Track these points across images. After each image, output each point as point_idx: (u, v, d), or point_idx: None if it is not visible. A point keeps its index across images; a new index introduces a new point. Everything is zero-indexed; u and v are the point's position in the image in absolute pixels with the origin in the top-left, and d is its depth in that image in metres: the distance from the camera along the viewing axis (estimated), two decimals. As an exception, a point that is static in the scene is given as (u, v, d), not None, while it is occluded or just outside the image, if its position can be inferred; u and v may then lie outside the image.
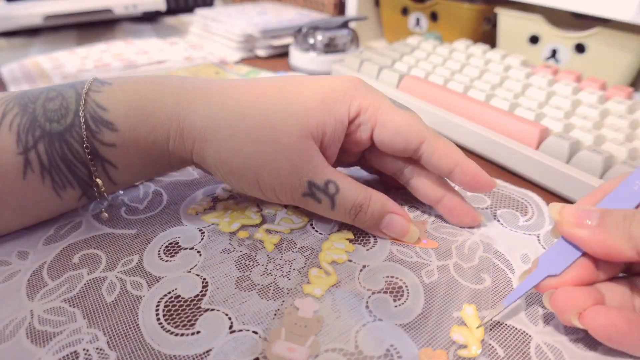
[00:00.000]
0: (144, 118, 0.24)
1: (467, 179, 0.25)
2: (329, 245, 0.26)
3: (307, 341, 0.20)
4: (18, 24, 0.66)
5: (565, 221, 0.20)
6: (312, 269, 0.24)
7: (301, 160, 0.24)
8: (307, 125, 0.24)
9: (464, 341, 0.20)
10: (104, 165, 0.24)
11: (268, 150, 0.24)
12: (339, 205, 0.25)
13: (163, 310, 0.22)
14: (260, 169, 0.24)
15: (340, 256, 0.25)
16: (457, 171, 0.25)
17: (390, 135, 0.25)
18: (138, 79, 0.26)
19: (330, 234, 0.27)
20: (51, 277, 0.23)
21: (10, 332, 0.20)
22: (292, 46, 0.56)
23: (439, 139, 0.25)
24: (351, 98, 0.25)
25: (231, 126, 0.24)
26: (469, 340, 0.20)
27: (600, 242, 0.19)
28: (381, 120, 0.25)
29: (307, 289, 0.23)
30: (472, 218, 0.27)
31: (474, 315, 0.21)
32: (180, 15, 0.88)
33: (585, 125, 0.33)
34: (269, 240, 0.26)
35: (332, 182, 0.25)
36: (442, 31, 0.57)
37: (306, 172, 0.24)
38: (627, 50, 0.42)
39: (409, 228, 0.26)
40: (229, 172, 0.25)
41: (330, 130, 0.25)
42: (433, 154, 0.25)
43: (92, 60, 0.54)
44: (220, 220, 0.28)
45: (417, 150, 0.25)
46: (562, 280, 0.20)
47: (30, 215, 0.26)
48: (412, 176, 0.27)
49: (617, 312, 0.19)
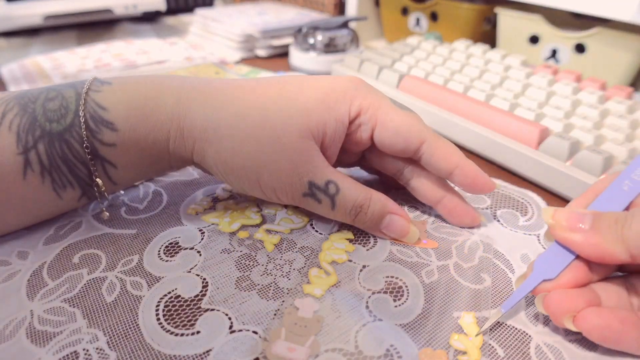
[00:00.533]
0: (144, 118, 0.24)
1: (467, 181, 0.25)
2: (329, 245, 0.26)
3: (307, 341, 0.20)
4: (18, 24, 0.66)
5: (559, 225, 0.20)
6: (312, 269, 0.24)
7: (302, 160, 0.24)
8: (307, 125, 0.24)
9: (463, 348, 0.20)
10: (104, 165, 0.24)
11: (268, 150, 0.24)
12: (339, 206, 0.25)
13: (163, 310, 0.22)
14: (261, 169, 0.24)
15: (340, 256, 0.25)
16: (457, 173, 0.25)
17: (391, 135, 0.25)
18: (138, 78, 0.26)
19: (330, 234, 0.27)
20: (51, 277, 0.23)
21: (10, 332, 0.20)
22: (292, 46, 0.56)
23: (439, 140, 0.25)
24: (352, 98, 0.25)
25: (231, 126, 0.24)
26: (468, 348, 0.20)
27: (593, 245, 0.19)
28: (381, 121, 0.25)
29: (307, 289, 0.23)
30: (472, 218, 0.27)
31: (473, 323, 0.21)
32: (180, 15, 0.88)
33: (585, 125, 0.33)
34: (269, 240, 0.26)
35: (333, 183, 0.25)
36: (442, 31, 0.57)
37: (307, 172, 0.24)
38: (627, 50, 0.42)
39: (409, 228, 0.26)
40: (230, 172, 0.25)
41: (331, 130, 0.25)
42: (433, 155, 0.25)
43: (92, 60, 0.54)
44: (220, 220, 0.28)
45: (417, 151, 0.25)
46: (557, 284, 0.20)
47: (31, 216, 0.26)
48: (412, 177, 0.27)
49: (609, 312, 0.19)
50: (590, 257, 0.20)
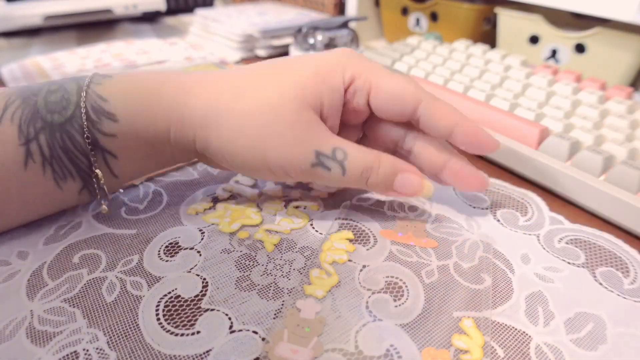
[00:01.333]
0: (144, 109, 0.24)
1: (469, 138, 0.25)
2: (329, 246, 0.26)
3: (310, 343, 0.20)
4: (18, 24, 0.66)
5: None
6: (313, 269, 0.24)
7: (304, 131, 0.24)
8: (304, 97, 0.24)
9: (466, 347, 0.20)
10: (105, 156, 0.25)
11: (270, 127, 0.24)
12: (350, 170, 0.25)
13: (163, 310, 0.22)
14: (265, 147, 0.24)
15: (341, 256, 0.25)
16: (458, 131, 0.25)
17: (386, 97, 0.25)
18: (138, 72, 0.26)
19: (330, 234, 0.27)
20: (51, 277, 0.23)
21: (10, 332, 0.20)
22: (292, 46, 0.56)
23: (436, 100, 0.25)
24: (344, 66, 0.25)
25: (230, 110, 0.24)
26: (470, 347, 0.20)
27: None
28: (376, 84, 0.25)
29: (309, 290, 0.23)
30: (480, 181, 0.27)
31: (474, 327, 0.21)
32: (180, 15, 0.88)
33: (585, 125, 0.33)
34: (269, 240, 0.26)
35: (340, 149, 0.25)
36: (442, 31, 0.57)
37: (312, 142, 0.24)
38: (627, 50, 0.42)
39: (423, 183, 0.26)
40: (235, 155, 0.25)
41: (328, 100, 0.25)
42: (431, 116, 0.25)
43: (92, 60, 0.54)
44: (220, 220, 0.28)
45: (415, 112, 0.25)
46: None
47: (31, 209, 0.26)
48: (414, 143, 0.27)
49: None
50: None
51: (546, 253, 0.26)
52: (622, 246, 0.26)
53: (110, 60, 0.54)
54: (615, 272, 0.25)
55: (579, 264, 0.25)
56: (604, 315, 0.22)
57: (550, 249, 0.26)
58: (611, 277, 0.24)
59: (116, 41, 0.62)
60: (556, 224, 0.28)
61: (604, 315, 0.22)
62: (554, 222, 0.28)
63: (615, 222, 0.28)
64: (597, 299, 0.23)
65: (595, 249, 0.26)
